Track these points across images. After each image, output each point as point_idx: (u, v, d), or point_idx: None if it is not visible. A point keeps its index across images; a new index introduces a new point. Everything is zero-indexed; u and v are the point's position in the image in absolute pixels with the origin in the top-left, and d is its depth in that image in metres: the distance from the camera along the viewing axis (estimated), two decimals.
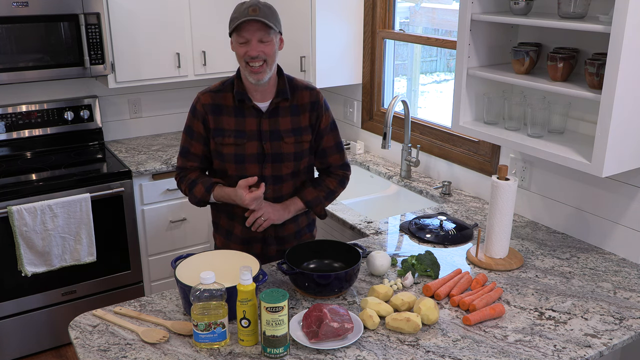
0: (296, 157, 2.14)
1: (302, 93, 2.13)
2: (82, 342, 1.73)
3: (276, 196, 2.16)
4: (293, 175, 2.17)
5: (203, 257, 1.96)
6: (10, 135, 3.44)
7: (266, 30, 1.97)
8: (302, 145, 2.14)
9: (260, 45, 1.98)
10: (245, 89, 2.08)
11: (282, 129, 2.10)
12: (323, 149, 2.20)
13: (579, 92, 1.99)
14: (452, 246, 2.35)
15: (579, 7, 2.00)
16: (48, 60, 3.16)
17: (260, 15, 1.94)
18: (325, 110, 2.17)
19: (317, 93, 2.16)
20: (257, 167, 2.11)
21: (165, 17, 3.46)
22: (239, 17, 1.96)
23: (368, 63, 3.48)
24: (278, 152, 2.11)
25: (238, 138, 2.08)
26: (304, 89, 2.14)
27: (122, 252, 3.34)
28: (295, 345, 1.70)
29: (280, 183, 2.15)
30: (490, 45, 2.38)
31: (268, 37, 1.98)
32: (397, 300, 1.86)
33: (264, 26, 1.96)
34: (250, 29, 1.96)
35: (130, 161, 3.41)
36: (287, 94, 2.09)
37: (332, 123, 2.20)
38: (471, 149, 2.91)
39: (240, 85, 2.08)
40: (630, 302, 1.95)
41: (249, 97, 2.08)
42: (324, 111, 2.16)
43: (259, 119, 2.09)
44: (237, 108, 2.09)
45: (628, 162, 1.99)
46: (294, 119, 2.12)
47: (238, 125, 2.09)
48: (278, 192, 2.16)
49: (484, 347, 1.71)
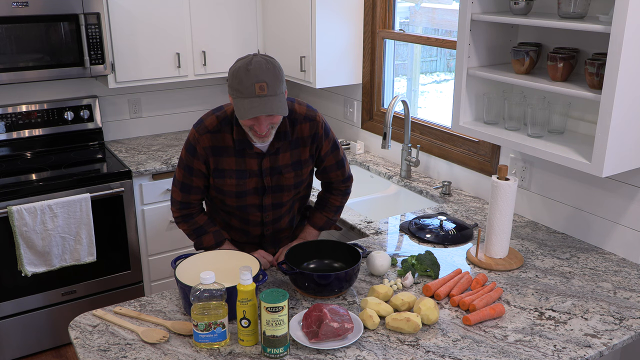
0: (296, 186, 2.14)
1: (302, 127, 2.04)
2: (82, 342, 1.73)
3: (275, 217, 2.19)
4: (292, 198, 2.19)
5: (203, 257, 1.96)
6: (10, 135, 3.44)
7: None
8: (302, 176, 2.12)
9: (269, 118, 1.87)
10: (245, 134, 1.97)
11: (282, 164, 2.06)
12: (324, 168, 2.20)
13: (579, 92, 1.99)
14: (452, 246, 2.35)
15: (579, 7, 2.00)
16: (48, 60, 3.16)
17: (269, 93, 1.80)
18: (325, 137, 2.10)
19: (316, 124, 2.06)
20: (258, 198, 2.11)
21: (165, 17, 3.46)
22: (245, 95, 1.81)
23: (368, 63, 3.48)
24: (278, 184, 2.09)
25: (240, 178, 2.04)
26: (303, 122, 2.04)
27: (122, 252, 3.34)
28: (295, 345, 1.70)
29: (279, 208, 2.17)
30: (490, 45, 2.38)
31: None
32: (397, 300, 1.86)
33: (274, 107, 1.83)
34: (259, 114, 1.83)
35: (130, 161, 3.41)
36: (289, 135, 2.01)
37: (332, 146, 2.14)
38: (471, 149, 2.91)
39: (240, 132, 1.97)
40: (630, 302, 1.95)
41: (250, 145, 1.99)
42: (323, 140, 2.10)
43: (259, 160, 2.03)
44: (237, 150, 2.01)
45: (628, 162, 1.99)
46: (294, 152, 2.06)
47: (239, 165, 2.03)
48: (277, 214, 2.18)
49: (484, 347, 1.71)
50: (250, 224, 2.19)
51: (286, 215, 2.22)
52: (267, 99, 1.80)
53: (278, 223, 2.21)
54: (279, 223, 2.22)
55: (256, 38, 3.79)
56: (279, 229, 2.25)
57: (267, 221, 2.17)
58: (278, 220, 2.20)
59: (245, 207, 2.12)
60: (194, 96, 4.06)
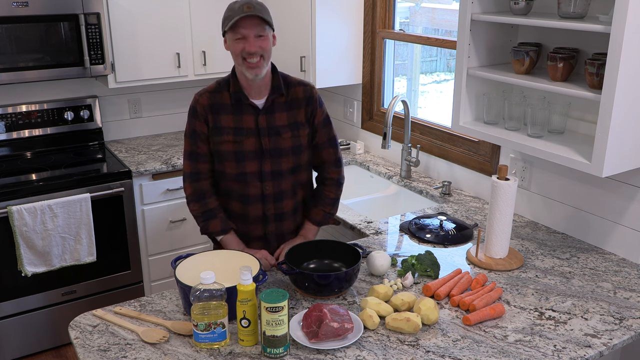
0: (294, 152, 2.16)
1: (296, 89, 2.17)
2: (82, 342, 1.73)
3: (276, 192, 2.17)
4: (292, 171, 2.18)
5: (203, 257, 1.96)
6: (10, 135, 3.44)
7: (262, 25, 2.01)
8: (299, 140, 2.16)
9: (258, 41, 2.01)
10: (241, 87, 2.11)
11: (279, 125, 2.13)
12: (316, 144, 2.23)
13: (579, 92, 1.99)
14: (452, 246, 2.35)
15: (579, 7, 2.00)
16: (48, 60, 3.16)
17: (255, 12, 1.97)
18: (319, 105, 2.21)
19: (310, 88, 2.19)
20: (257, 163, 2.13)
21: (165, 17, 3.46)
22: (234, 15, 1.98)
23: (368, 63, 3.48)
24: (276, 147, 2.13)
25: (237, 135, 2.11)
26: (297, 85, 2.18)
27: (122, 252, 3.34)
28: (295, 345, 1.70)
29: (279, 179, 2.16)
30: (490, 45, 2.38)
31: (264, 32, 2.02)
32: (397, 300, 1.86)
33: (260, 21, 2.00)
34: (247, 25, 1.99)
35: (130, 161, 3.41)
36: (282, 89, 2.13)
37: (325, 118, 2.23)
38: (471, 149, 2.91)
39: (236, 84, 2.12)
40: (630, 302, 1.95)
41: (245, 95, 2.11)
42: (318, 106, 2.20)
43: (256, 116, 2.12)
44: (234, 106, 2.12)
45: (628, 162, 1.99)
46: (290, 114, 2.15)
47: (236, 123, 2.11)
48: (277, 187, 2.17)
49: (484, 347, 1.71)
50: (251, 201, 2.17)
51: (289, 199, 2.20)
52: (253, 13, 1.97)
53: (280, 204, 2.19)
54: (281, 204, 2.20)
55: None
56: (281, 214, 2.21)
57: (267, 194, 2.16)
58: (280, 200, 2.18)
59: (245, 174, 2.13)
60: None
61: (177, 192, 3.42)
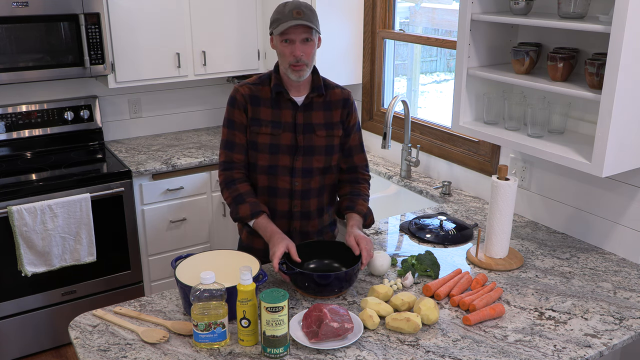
0: (327, 152, 2.19)
1: (334, 91, 2.23)
2: (82, 342, 1.73)
3: (304, 189, 2.20)
4: (322, 171, 2.21)
5: (203, 257, 1.96)
6: (10, 135, 3.44)
7: (310, 30, 2.05)
8: (333, 140, 2.20)
9: (304, 46, 2.06)
10: (283, 83, 2.16)
11: (315, 123, 2.17)
12: (349, 147, 2.26)
13: (579, 92, 1.99)
14: (452, 246, 2.35)
15: (579, 7, 2.00)
16: (48, 60, 3.16)
17: (304, 19, 2.02)
18: (353, 110, 2.26)
19: (348, 92, 2.26)
20: (289, 158, 2.16)
21: (165, 17, 3.46)
22: (283, 19, 2.03)
23: (368, 63, 3.48)
24: (310, 144, 2.17)
25: (274, 128, 2.14)
26: (335, 87, 2.25)
27: (122, 252, 3.34)
28: (295, 345, 1.70)
29: (309, 176, 2.19)
30: (490, 45, 2.38)
31: (311, 36, 2.07)
32: (397, 300, 1.86)
33: (308, 29, 2.04)
34: (295, 31, 2.03)
35: (130, 161, 3.41)
36: (322, 89, 2.18)
37: (358, 123, 2.29)
38: (471, 149, 2.91)
39: (279, 80, 2.16)
40: (630, 302, 1.95)
41: (286, 91, 2.15)
42: (352, 111, 2.25)
43: (294, 112, 2.16)
44: (274, 100, 2.16)
45: (628, 162, 1.99)
46: (326, 113, 2.20)
47: (274, 117, 2.15)
48: (306, 184, 2.20)
49: (484, 347, 1.71)
50: (279, 194, 2.18)
51: (315, 198, 2.22)
52: (302, 20, 2.02)
53: (307, 202, 2.20)
54: (308, 202, 2.21)
55: (256, 38, 3.79)
56: (307, 212, 2.21)
57: (296, 190, 2.18)
58: (307, 198, 2.20)
59: (276, 167, 2.16)
60: (194, 96, 4.06)
61: (177, 192, 3.43)
